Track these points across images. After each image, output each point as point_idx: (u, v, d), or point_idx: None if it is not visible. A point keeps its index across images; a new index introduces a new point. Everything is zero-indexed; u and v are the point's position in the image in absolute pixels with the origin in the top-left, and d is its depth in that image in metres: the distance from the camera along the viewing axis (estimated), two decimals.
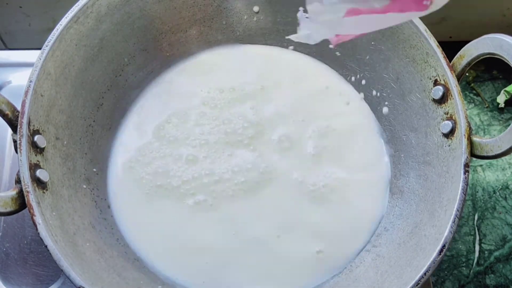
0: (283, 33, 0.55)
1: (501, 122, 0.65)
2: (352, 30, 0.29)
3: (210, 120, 0.53)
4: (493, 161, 0.63)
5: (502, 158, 0.61)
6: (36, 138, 0.40)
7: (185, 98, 0.54)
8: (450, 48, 0.46)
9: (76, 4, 0.45)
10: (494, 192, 0.61)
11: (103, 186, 0.49)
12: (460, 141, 0.42)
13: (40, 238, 0.37)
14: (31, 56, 0.61)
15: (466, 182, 0.40)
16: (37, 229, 0.37)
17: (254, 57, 0.56)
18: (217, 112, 0.53)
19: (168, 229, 0.48)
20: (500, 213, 0.60)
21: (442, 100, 0.44)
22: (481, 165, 0.62)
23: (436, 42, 0.44)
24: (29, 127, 0.40)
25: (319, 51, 0.55)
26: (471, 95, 0.67)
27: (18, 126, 0.39)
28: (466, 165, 0.41)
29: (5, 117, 0.40)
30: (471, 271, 0.57)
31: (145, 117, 0.53)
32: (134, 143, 0.51)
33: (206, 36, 0.55)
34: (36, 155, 0.40)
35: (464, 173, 0.40)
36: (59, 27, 0.44)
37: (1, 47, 0.71)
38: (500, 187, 0.61)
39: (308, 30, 0.30)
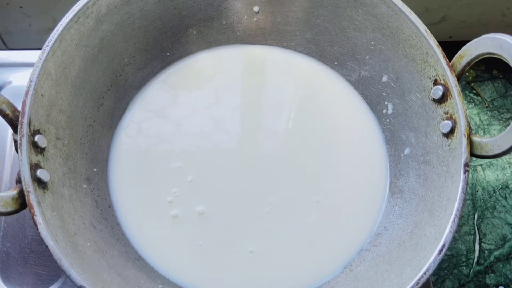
0: (283, 33, 0.55)
1: (501, 121, 0.65)
2: None
3: (212, 120, 0.53)
4: (493, 161, 0.63)
5: (502, 157, 0.61)
6: (36, 138, 0.40)
7: (186, 98, 0.54)
8: (450, 47, 0.46)
9: (76, 4, 0.45)
10: (494, 191, 0.61)
11: (103, 186, 0.49)
12: (460, 140, 0.42)
13: (41, 238, 0.37)
14: (32, 56, 0.61)
15: (466, 182, 0.40)
16: (37, 229, 0.37)
17: (254, 57, 0.56)
18: (218, 112, 0.53)
19: (170, 229, 0.48)
20: (500, 212, 0.60)
21: (442, 99, 0.44)
22: (481, 165, 0.62)
23: (436, 41, 0.44)
24: (29, 127, 0.40)
25: (319, 51, 0.55)
26: (471, 94, 0.67)
27: (19, 126, 0.39)
28: (466, 165, 0.41)
29: (5, 117, 0.40)
30: (471, 270, 0.57)
31: (145, 117, 0.53)
32: (134, 143, 0.51)
33: (206, 36, 0.55)
34: (36, 155, 0.40)
35: (464, 173, 0.40)
36: (60, 27, 0.44)
37: (1, 47, 0.71)
38: (500, 186, 0.61)
39: None
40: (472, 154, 0.41)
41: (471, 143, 0.41)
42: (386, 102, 0.52)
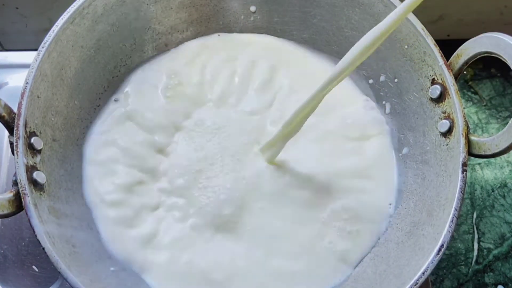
0: (280, 32, 0.55)
1: (499, 120, 0.65)
2: None
3: (209, 121, 0.52)
4: (491, 159, 0.63)
5: (501, 156, 0.61)
6: (32, 140, 0.40)
7: (182, 100, 0.53)
8: (448, 46, 0.46)
9: (72, 5, 0.45)
10: (493, 190, 0.61)
11: None
12: (457, 140, 0.42)
13: (38, 240, 0.37)
14: (28, 57, 0.61)
15: (464, 181, 0.40)
16: (34, 231, 0.37)
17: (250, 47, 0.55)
18: (218, 111, 0.52)
19: (168, 232, 0.48)
20: (498, 211, 0.60)
21: (439, 99, 0.44)
22: (479, 163, 0.62)
23: (434, 41, 0.44)
24: (25, 129, 0.39)
25: (316, 51, 0.55)
26: (469, 93, 0.67)
27: (15, 128, 0.39)
28: (464, 164, 0.41)
29: (1, 119, 0.39)
30: (470, 269, 0.57)
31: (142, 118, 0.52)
32: (131, 144, 0.51)
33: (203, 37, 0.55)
34: (33, 157, 0.40)
35: (462, 172, 0.40)
36: (55, 28, 0.43)
37: None
38: (499, 185, 0.61)
39: None
40: (470, 153, 0.41)
41: (469, 143, 0.41)
42: (384, 102, 0.52)
